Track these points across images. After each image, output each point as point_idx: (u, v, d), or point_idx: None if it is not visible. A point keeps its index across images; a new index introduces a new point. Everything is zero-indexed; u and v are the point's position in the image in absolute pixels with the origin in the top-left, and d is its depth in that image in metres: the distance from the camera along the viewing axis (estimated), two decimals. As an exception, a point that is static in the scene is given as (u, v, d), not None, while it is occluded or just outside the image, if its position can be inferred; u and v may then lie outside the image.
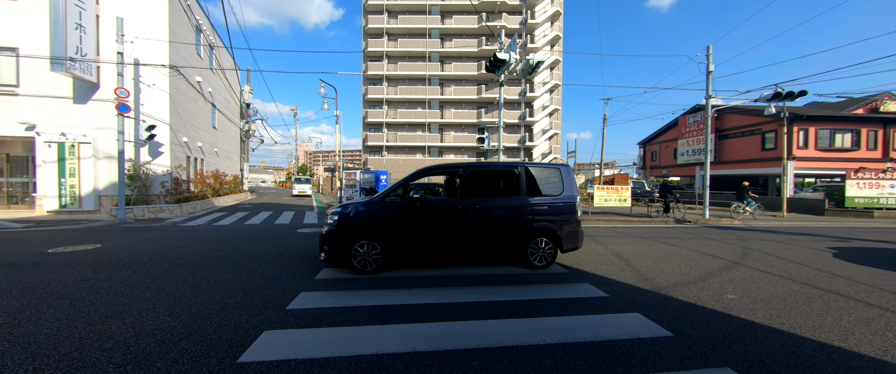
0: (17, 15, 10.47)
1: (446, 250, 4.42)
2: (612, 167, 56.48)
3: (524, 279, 4.12)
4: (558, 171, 4.85)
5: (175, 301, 3.23)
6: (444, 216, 4.40)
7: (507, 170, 4.80)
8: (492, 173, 4.88)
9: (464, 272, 4.36)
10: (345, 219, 4.26)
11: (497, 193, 4.72)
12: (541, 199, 4.67)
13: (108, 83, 10.90)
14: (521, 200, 4.60)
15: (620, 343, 2.50)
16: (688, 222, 11.04)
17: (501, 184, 4.77)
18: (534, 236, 4.55)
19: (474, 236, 4.45)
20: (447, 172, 4.88)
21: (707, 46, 11.90)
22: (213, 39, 17.10)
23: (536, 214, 4.60)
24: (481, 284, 3.92)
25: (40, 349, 2.32)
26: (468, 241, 4.44)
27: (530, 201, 4.61)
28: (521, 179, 4.66)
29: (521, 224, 4.53)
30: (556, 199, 4.70)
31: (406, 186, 4.61)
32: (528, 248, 4.54)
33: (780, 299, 3.55)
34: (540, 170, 4.85)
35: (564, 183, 4.79)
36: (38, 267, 4.45)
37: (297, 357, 2.24)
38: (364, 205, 4.39)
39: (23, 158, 12.08)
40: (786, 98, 11.25)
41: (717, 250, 6.23)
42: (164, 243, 6.34)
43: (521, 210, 4.57)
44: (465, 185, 4.56)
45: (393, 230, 4.29)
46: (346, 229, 4.21)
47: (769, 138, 19.57)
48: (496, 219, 4.53)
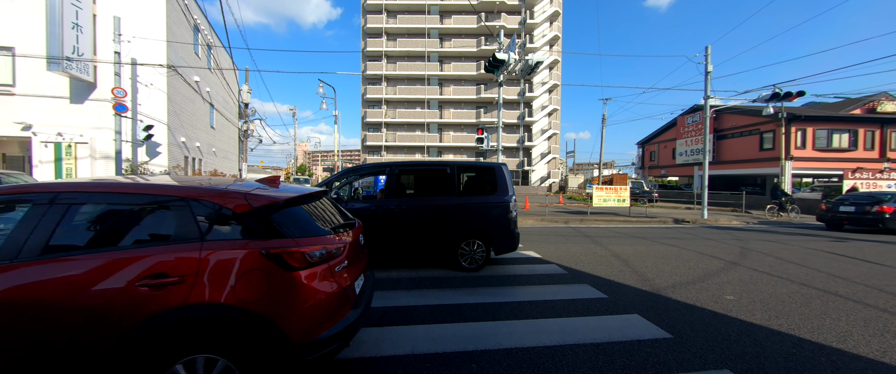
0: (13, 14, 10.41)
1: (373, 251, 4.20)
2: (610, 167, 56.64)
3: (524, 280, 4.12)
4: (493, 170, 4.68)
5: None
6: (369, 217, 4.22)
7: (438, 169, 4.67)
8: (422, 173, 4.82)
9: (462, 274, 4.35)
10: None
11: (427, 193, 4.65)
12: (473, 199, 4.53)
13: (106, 83, 10.85)
14: (451, 200, 4.44)
15: (620, 345, 2.49)
16: (686, 222, 11.06)
17: (432, 184, 4.68)
18: (464, 238, 4.39)
19: (400, 237, 4.31)
20: (377, 171, 4.75)
21: (705, 47, 11.93)
22: (211, 39, 17.04)
23: (467, 214, 4.42)
24: (481, 285, 3.91)
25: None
26: (394, 242, 4.31)
27: (461, 202, 4.45)
28: (453, 178, 4.51)
29: (451, 225, 4.37)
30: (489, 199, 4.52)
31: (329, 185, 4.52)
32: (458, 249, 4.38)
33: (778, 299, 3.55)
34: (474, 169, 4.78)
35: (498, 183, 4.59)
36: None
37: (295, 360, 2.22)
38: None
39: (19, 159, 12.01)
40: (784, 98, 11.29)
41: (716, 250, 6.24)
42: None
43: (451, 211, 4.41)
44: (392, 185, 4.45)
45: None
46: None
47: (767, 138, 19.65)
48: (424, 220, 4.37)
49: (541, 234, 8.06)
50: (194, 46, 14.87)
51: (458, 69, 35.56)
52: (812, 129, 18.64)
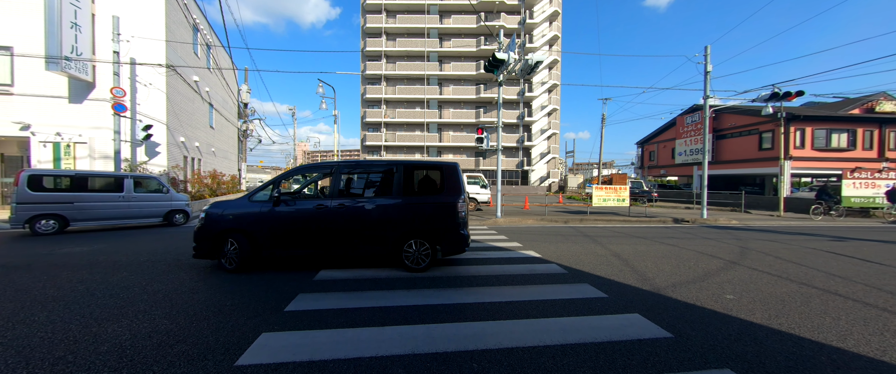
0: (12, 13, 10.38)
1: (316, 250, 4.32)
2: (610, 167, 56.69)
3: (524, 280, 4.12)
4: (441, 170, 4.60)
5: (172, 303, 3.20)
6: (313, 216, 4.28)
7: (383, 169, 4.65)
8: (367, 173, 4.83)
9: (463, 273, 4.35)
10: (211, 217, 4.34)
11: (372, 193, 4.68)
12: (418, 199, 4.44)
13: (104, 83, 10.83)
14: (394, 200, 4.40)
15: (620, 344, 2.49)
16: (686, 221, 11.07)
17: (377, 184, 4.69)
18: (408, 238, 4.34)
19: (343, 237, 4.31)
20: (323, 170, 4.75)
21: (705, 47, 11.94)
22: (210, 39, 17.01)
23: (411, 215, 4.36)
24: (481, 284, 3.91)
25: (34, 352, 2.29)
26: (337, 241, 4.32)
27: (405, 202, 4.39)
28: (398, 178, 4.47)
29: (394, 225, 4.33)
30: (436, 199, 4.44)
31: (276, 184, 4.47)
32: (402, 250, 4.33)
33: (778, 299, 3.56)
34: (420, 169, 4.69)
35: (446, 183, 4.52)
36: (33, 269, 4.40)
37: (296, 360, 2.22)
38: (233, 204, 4.45)
39: (18, 159, 11.97)
40: (783, 98, 11.30)
41: (716, 249, 6.24)
42: (161, 244, 6.29)
43: (394, 211, 4.37)
44: (337, 184, 4.47)
45: (260, 229, 4.27)
46: (211, 227, 4.29)
47: (766, 138, 19.68)
48: (367, 220, 4.34)
49: (540, 233, 8.06)
50: (193, 46, 14.84)
51: (457, 69, 35.56)
52: (811, 128, 18.67)
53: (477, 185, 13.91)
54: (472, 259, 5.16)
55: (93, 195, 7.54)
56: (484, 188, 13.92)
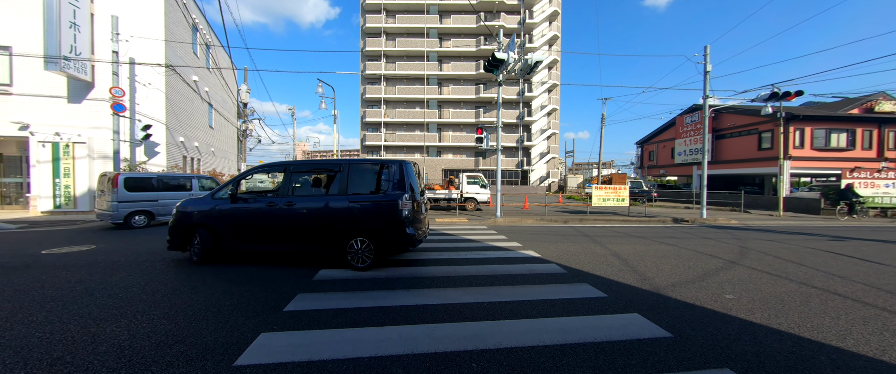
0: (10, 13, 10.35)
1: (268, 246, 4.54)
2: (609, 167, 56.72)
3: (524, 280, 4.12)
4: (386, 168, 4.63)
5: (171, 303, 3.19)
6: (266, 213, 4.54)
7: (329, 168, 4.76)
8: (314, 172, 4.98)
9: (462, 272, 4.35)
10: (181, 213, 4.78)
11: (318, 192, 4.81)
12: (360, 198, 4.47)
13: (104, 82, 10.81)
14: (338, 199, 4.48)
15: (620, 344, 2.49)
16: (685, 221, 11.08)
17: (323, 183, 4.84)
18: (351, 237, 4.39)
19: (293, 234, 4.47)
20: (277, 169, 4.92)
21: (704, 46, 11.94)
22: (209, 38, 16.98)
23: (354, 213, 4.41)
24: (481, 284, 3.90)
25: (32, 352, 2.29)
26: (287, 238, 4.48)
27: (348, 201, 4.45)
28: (343, 177, 4.57)
29: (337, 224, 4.40)
30: (377, 198, 4.46)
31: (236, 183, 4.82)
32: (346, 248, 4.39)
33: (778, 298, 3.56)
34: (364, 168, 4.71)
35: (391, 181, 4.52)
36: (31, 269, 4.39)
37: (295, 360, 2.21)
38: (200, 201, 4.85)
39: (16, 158, 11.95)
40: (782, 98, 11.31)
41: (715, 249, 6.25)
42: (160, 244, 6.27)
43: (338, 210, 4.44)
44: (287, 183, 4.67)
45: (219, 225, 4.62)
46: (181, 222, 4.73)
47: (766, 138, 19.69)
48: (313, 218, 4.45)
49: (540, 233, 8.06)
50: (193, 46, 14.82)
51: (457, 69, 35.54)
52: (810, 128, 18.69)
53: (477, 185, 13.91)
54: (471, 259, 5.15)
55: (170, 194, 8.85)
56: (483, 188, 13.91)
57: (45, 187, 10.56)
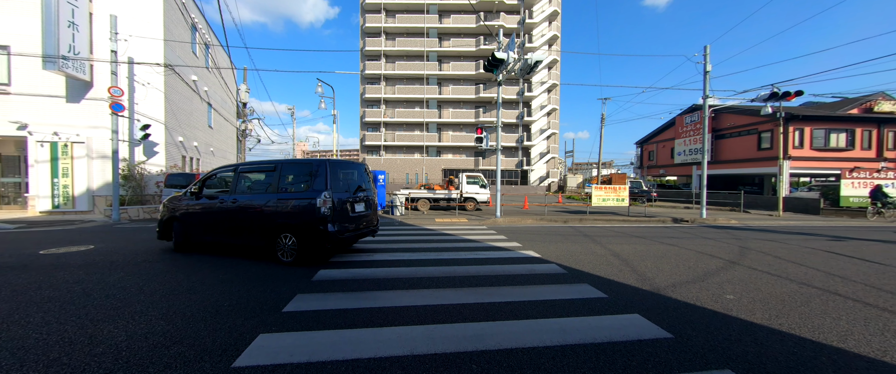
0: (8, 12, 10.32)
1: (220, 238, 5.16)
2: (609, 167, 56.74)
3: (524, 280, 4.10)
4: (308, 167, 4.91)
5: (169, 304, 3.17)
6: (218, 209, 5.14)
7: (267, 169, 5.14)
8: (256, 172, 5.38)
9: (462, 272, 4.34)
10: (166, 207, 5.69)
11: (260, 190, 5.15)
12: (288, 196, 4.81)
13: (102, 82, 10.78)
14: (269, 197, 4.86)
15: (620, 345, 2.48)
16: (685, 221, 11.07)
17: (263, 182, 5.21)
18: (279, 233, 4.70)
19: (235, 229, 5.03)
20: (229, 170, 5.45)
21: (704, 46, 11.94)
22: (208, 38, 16.95)
23: (281, 210, 4.73)
24: (480, 285, 3.89)
25: (29, 353, 2.27)
26: (233, 232, 5.05)
27: (278, 198, 4.80)
28: (276, 177, 4.95)
29: (268, 220, 4.77)
30: (300, 196, 4.72)
31: (202, 182, 5.44)
32: (275, 244, 4.71)
33: (778, 299, 3.55)
34: (296, 168, 5.02)
35: (315, 180, 4.73)
36: (29, 269, 4.37)
37: (293, 361, 2.20)
38: (178, 197, 5.61)
39: (14, 158, 11.92)
40: (782, 98, 11.31)
41: (715, 249, 6.24)
42: (159, 244, 6.26)
43: (269, 207, 4.81)
44: (236, 182, 5.18)
45: (187, 218, 5.42)
46: (164, 215, 5.66)
47: (765, 138, 19.71)
48: (249, 214, 4.91)
49: (540, 233, 8.05)
50: (192, 45, 14.79)
51: (456, 69, 35.53)
52: (810, 128, 18.71)
53: (476, 184, 13.89)
54: (471, 259, 5.14)
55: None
56: (483, 188, 13.90)
57: (44, 186, 10.52)
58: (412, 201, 13.24)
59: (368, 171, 5.93)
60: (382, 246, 6.08)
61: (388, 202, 12.43)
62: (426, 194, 13.49)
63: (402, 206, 11.98)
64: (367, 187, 5.52)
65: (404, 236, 7.35)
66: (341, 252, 5.46)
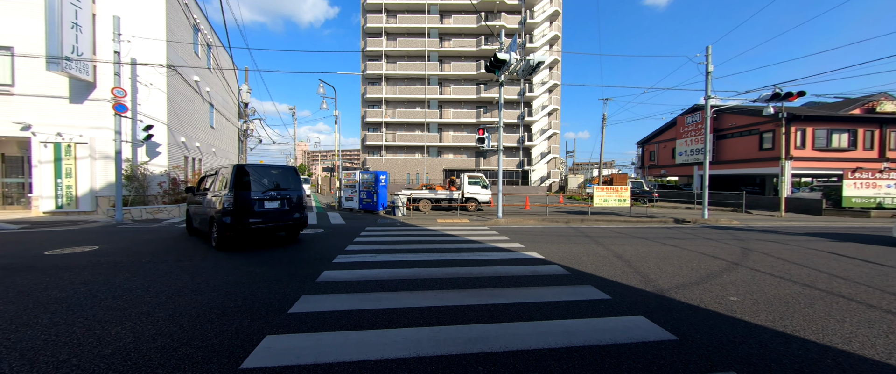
0: (12, 13, 10.36)
1: (201, 227, 6.78)
2: (610, 167, 56.68)
3: (527, 281, 4.11)
4: (227, 171, 6.11)
5: (175, 305, 3.19)
6: (197, 204, 6.98)
7: (211, 174, 6.90)
8: (209, 176, 6.95)
9: (465, 273, 4.35)
10: (187, 202, 7.63)
11: (213, 190, 6.46)
12: (215, 194, 6.22)
13: (105, 83, 10.81)
14: (212, 196, 6.33)
15: (625, 347, 2.49)
16: (687, 221, 11.07)
17: (213, 184, 6.62)
18: (213, 222, 6.03)
19: (203, 220, 6.53)
20: (211, 173, 6.99)
21: (706, 47, 11.93)
22: (210, 39, 16.98)
23: (211, 205, 6.17)
24: (484, 286, 3.90)
25: (39, 355, 2.29)
26: (202, 223, 6.61)
27: (211, 196, 6.31)
28: (216, 179, 6.53)
29: (207, 213, 6.38)
30: (217, 195, 6.11)
31: (199, 182, 7.23)
32: (211, 231, 6.08)
33: (782, 301, 3.55)
34: (223, 171, 6.33)
35: (228, 183, 5.88)
36: (34, 270, 4.40)
37: (300, 363, 2.21)
38: (191, 193, 7.46)
39: (18, 159, 11.96)
40: (784, 98, 11.29)
41: (717, 251, 6.24)
42: (162, 244, 6.28)
43: (209, 202, 6.34)
44: (205, 182, 7.11)
45: (190, 213, 7.33)
46: (186, 211, 7.60)
47: (767, 138, 19.67)
48: (204, 208, 6.54)
49: (542, 234, 8.06)
50: (194, 46, 14.82)
51: (457, 69, 35.53)
52: (812, 129, 18.67)
53: (478, 185, 13.89)
54: (474, 260, 5.15)
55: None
56: (485, 189, 13.90)
57: (47, 187, 10.57)
58: (414, 201, 13.25)
59: (296, 174, 6.85)
60: (386, 247, 6.10)
61: (390, 203, 12.45)
62: (428, 194, 13.50)
63: (404, 206, 12.00)
64: (286, 188, 6.39)
65: (407, 236, 7.36)
66: (250, 241, 6.51)
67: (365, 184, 12.91)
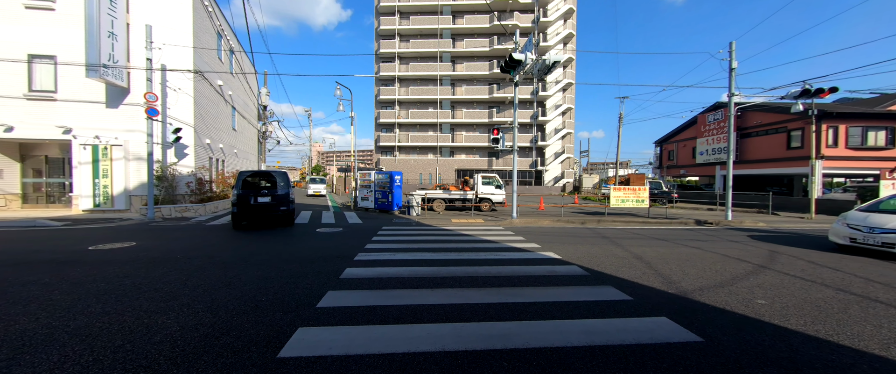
0: (55, 25, 11.09)
1: (248, 219, 8.61)
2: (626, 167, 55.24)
3: (545, 281, 4.13)
4: (238, 175, 8.97)
5: (211, 298, 3.39)
6: (244, 198, 8.55)
7: (233, 177, 9.03)
8: (234, 179, 9.26)
9: (483, 272, 4.40)
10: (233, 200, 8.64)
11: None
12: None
13: (138, 88, 11.42)
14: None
15: (649, 348, 2.49)
16: (709, 223, 10.73)
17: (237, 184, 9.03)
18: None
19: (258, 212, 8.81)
20: (247, 174, 9.05)
21: (730, 43, 11.53)
22: (233, 44, 17.63)
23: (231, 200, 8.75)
24: (502, 285, 3.95)
25: (96, 340, 2.50)
26: (256, 216, 8.78)
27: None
28: (237, 181, 8.81)
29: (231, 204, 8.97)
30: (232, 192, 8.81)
31: (239, 184, 8.66)
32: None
33: (813, 305, 3.44)
34: (239, 176, 8.89)
35: (236, 184, 8.69)
36: (81, 264, 4.73)
37: (332, 354, 2.33)
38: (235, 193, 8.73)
39: (59, 160, 12.78)
40: (814, 95, 10.77)
41: (742, 253, 6.05)
42: (192, 241, 6.61)
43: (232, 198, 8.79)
44: (246, 183, 9.08)
45: (234, 207, 8.51)
46: (234, 206, 8.55)
47: (795, 136, 18.78)
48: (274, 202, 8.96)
49: (558, 235, 8.01)
50: (218, 51, 15.43)
51: (470, 69, 35.52)
52: (845, 126, 17.69)
53: (491, 185, 13.88)
54: (491, 260, 5.20)
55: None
56: (499, 189, 13.87)
57: (86, 186, 11.25)
58: (428, 201, 13.37)
59: (284, 176, 9.46)
60: (403, 246, 6.22)
61: (405, 203, 12.61)
62: (442, 194, 13.58)
63: (419, 206, 12.13)
64: (273, 186, 8.98)
65: (423, 236, 7.47)
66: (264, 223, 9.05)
67: (380, 184, 13.12)
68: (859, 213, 6.40)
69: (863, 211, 6.45)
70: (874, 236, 5.75)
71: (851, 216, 6.39)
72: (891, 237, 5.58)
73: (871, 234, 5.80)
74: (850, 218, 6.35)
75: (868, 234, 5.84)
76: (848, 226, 6.23)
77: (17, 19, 10.89)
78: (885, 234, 5.65)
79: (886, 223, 5.75)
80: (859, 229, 6.01)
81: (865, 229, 5.91)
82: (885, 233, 5.66)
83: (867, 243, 5.83)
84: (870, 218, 6.03)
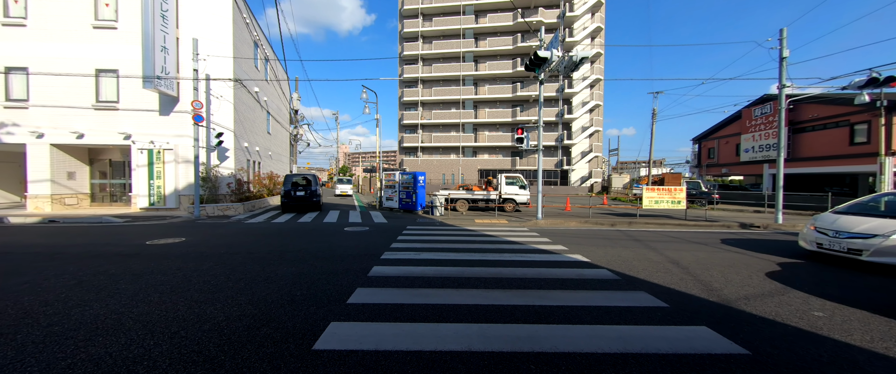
0: (118, 41, 12.35)
1: (295, 210, 12.24)
2: (660, 166, 52.19)
3: (574, 285, 4.03)
4: (304, 178, 13.43)
5: (252, 291, 3.64)
6: (293, 194, 12.88)
7: (306, 177, 13.49)
8: (280, 179, 13.61)
9: (508, 273, 4.37)
10: (282, 195, 12.99)
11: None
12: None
13: (185, 97, 12.44)
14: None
15: (688, 358, 2.36)
16: (756, 227, 9.90)
17: (303, 184, 13.38)
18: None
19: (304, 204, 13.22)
20: (294, 178, 13.07)
21: (780, 29, 10.56)
22: (267, 52, 18.72)
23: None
24: (528, 287, 3.90)
25: (155, 326, 2.77)
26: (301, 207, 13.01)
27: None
28: (286, 180, 13.25)
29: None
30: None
31: (287, 182, 13.15)
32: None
33: (883, 320, 3.09)
34: (290, 176, 13.26)
35: (285, 183, 13.20)
36: (141, 257, 5.25)
37: (363, 348, 2.42)
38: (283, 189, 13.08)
39: (120, 163, 14.22)
40: (884, 84, 9.58)
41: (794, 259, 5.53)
42: (234, 238, 7.11)
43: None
44: (287, 183, 13.23)
45: (283, 198, 12.88)
46: (282, 198, 12.92)
47: (860, 131, 16.83)
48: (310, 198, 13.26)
49: (586, 236, 7.75)
50: (254, 60, 16.45)
51: (493, 68, 35.21)
52: (922, 118, 15.57)
53: (515, 185, 13.68)
54: (516, 261, 5.14)
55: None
56: (523, 189, 13.65)
57: (142, 187, 12.44)
58: (451, 201, 13.44)
59: (315, 178, 13.70)
60: (428, 246, 6.30)
61: (429, 203, 12.75)
62: (465, 194, 13.59)
63: (442, 207, 12.22)
64: (309, 184, 13.26)
65: (448, 236, 7.52)
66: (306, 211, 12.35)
67: (404, 184, 13.36)
68: (830, 215, 5.68)
69: (836, 213, 5.70)
70: (839, 241, 5.02)
71: (821, 219, 5.65)
72: (856, 243, 4.83)
73: (836, 239, 5.08)
74: (820, 221, 5.61)
75: (833, 239, 5.11)
76: (816, 230, 5.48)
77: (87, 38, 12.23)
78: (852, 239, 4.90)
79: (854, 227, 5.00)
80: (826, 233, 5.27)
81: (831, 232, 5.19)
82: (851, 238, 4.92)
83: (833, 249, 5.11)
84: (839, 221, 5.32)
